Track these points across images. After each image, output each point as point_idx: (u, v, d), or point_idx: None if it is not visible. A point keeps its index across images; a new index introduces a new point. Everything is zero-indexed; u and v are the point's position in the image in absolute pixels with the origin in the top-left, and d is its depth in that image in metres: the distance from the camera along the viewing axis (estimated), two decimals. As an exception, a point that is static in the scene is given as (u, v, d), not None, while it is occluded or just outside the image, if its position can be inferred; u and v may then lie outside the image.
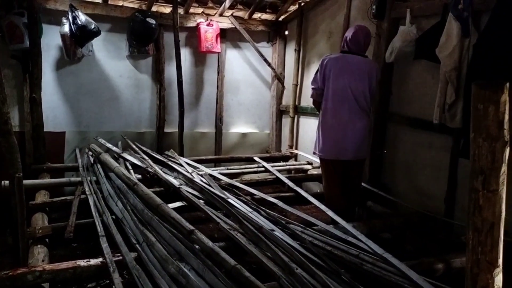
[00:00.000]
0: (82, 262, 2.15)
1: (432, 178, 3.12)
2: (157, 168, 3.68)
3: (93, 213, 2.80)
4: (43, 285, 2.10)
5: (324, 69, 3.03)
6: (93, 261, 2.17)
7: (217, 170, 4.20)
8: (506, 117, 1.15)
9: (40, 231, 2.59)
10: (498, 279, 1.26)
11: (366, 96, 3.03)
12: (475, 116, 1.18)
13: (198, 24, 4.85)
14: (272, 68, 5.37)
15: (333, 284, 1.86)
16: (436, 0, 2.96)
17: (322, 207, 2.98)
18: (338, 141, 3.03)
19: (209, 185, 3.29)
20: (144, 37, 4.60)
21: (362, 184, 3.59)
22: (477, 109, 1.17)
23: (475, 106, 1.17)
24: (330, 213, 2.87)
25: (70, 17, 4.04)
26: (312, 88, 3.14)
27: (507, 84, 1.13)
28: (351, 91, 2.98)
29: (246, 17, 5.16)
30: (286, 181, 3.67)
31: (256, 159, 4.66)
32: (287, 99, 5.29)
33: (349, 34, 3.07)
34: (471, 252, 1.26)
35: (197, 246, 2.12)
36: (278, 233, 2.35)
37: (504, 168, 1.18)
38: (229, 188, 3.33)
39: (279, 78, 5.40)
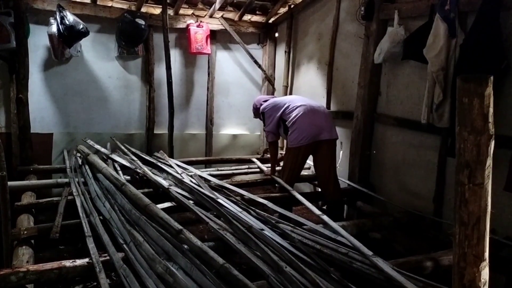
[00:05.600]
0: (67, 263, 2.11)
1: (420, 177, 3.14)
2: (146, 169, 3.65)
3: (80, 213, 2.76)
4: (27, 286, 2.05)
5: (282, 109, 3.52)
6: (79, 262, 2.13)
7: (207, 171, 4.18)
8: (491, 110, 1.15)
9: (25, 232, 2.54)
10: (485, 273, 1.26)
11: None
12: (460, 109, 1.18)
13: (188, 25, 4.84)
14: (263, 70, 5.38)
15: (323, 282, 1.85)
16: (423, 2, 2.99)
17: (313, 207, 2.97)
18: (315, 124, 3.33)
19: (199, 185, 3.27)
20: (134, 38, 4.57)
21: (351, 184, 3.60)
22: (462, 103, 1.17)
23: (460, 99, 1.17)
24: (316, 211, 2.88)
25: (58, 17, 4.00)
26: (271, 133, 3.66)
27: (491, 78, 1.13)
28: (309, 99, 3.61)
29: (236, 19, 5.17)
30: (279, 180, 3.67)
31: (253, 159, 4.69)
32: (278, 101, 5.30)
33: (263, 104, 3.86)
34: (458, 246, 1.26)
35: (185, 246, 2.10)
36: (268, 232, 2.34)
37: (489, 161, 1.19)
38: (219, 189, 3.31)
39: (269, 79, 5.41)
